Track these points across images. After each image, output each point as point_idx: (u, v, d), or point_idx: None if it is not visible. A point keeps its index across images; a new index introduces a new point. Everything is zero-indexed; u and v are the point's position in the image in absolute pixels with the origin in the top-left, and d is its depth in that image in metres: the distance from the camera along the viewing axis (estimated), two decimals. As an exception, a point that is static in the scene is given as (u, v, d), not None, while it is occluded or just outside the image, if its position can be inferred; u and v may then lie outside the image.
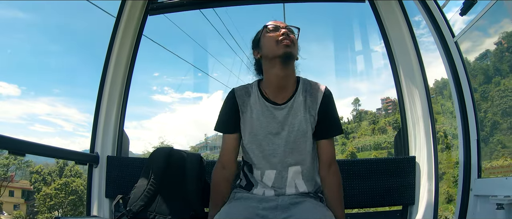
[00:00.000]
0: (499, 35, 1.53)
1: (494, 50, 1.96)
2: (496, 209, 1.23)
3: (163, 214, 1.41)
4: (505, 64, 2.55)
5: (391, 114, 36.78)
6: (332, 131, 1.17)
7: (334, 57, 73.99)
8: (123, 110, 2.02)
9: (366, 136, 36.51)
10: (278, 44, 1.10)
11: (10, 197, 24.58)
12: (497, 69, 3.17)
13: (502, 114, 15.78)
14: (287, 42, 1.09)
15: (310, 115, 1.14)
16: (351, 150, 34.44)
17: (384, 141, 34.25)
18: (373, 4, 1.95)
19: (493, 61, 2.53)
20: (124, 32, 1.95)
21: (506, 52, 2.13)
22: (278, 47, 1.09)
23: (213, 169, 1.19)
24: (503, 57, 2.29)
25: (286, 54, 1.09)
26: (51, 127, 53.85)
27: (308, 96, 1.15)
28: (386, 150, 32.58)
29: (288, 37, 1.10)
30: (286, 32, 1.10)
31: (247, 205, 1.11)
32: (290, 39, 1.10)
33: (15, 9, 50.53)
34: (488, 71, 8.99)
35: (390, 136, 33.62)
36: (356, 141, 36.87)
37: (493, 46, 1.83)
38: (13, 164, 25.15)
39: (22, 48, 55.16)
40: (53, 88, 58.56)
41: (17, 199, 24.89)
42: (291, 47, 1.10)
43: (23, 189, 24.95)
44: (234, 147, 1.19)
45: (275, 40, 1.10)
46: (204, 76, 68.03)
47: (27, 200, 25.01)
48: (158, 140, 37.84)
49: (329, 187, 1.14)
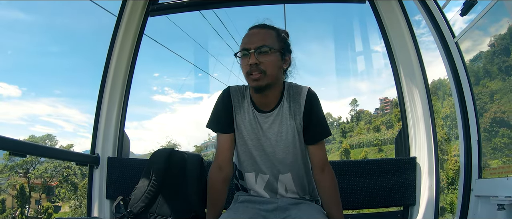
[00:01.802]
0: (492, 37, 1.52)
1: (485, 52, 1.95)
2: (497, 210, 1.22)
3: (164, 215, 1.41)
4: (495, 66, 2.53)
5: (388, 114, 37.55)
6: (319, 135, 1.13)
7: (334, 57, 73.94)
8: (123, 111, 2.02)
9: (362, 135, 37.71)
10: (247, 75, 1.06)
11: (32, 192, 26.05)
12: (487, 71, 3.16)
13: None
14: (255, 76, 1.03)
15: (297, 121, 1.11)
16: (345, 147, 36.36)
17: (375, 139, 35.48)
18: (373, 4, 1.95)
19: (484, 63, 2.51)
20: (124, 33, 1.95)
21: (495, 55, 2.11)
22: (248, 79, 1.06)
23: (210, 170, 1.17)
24: (493, 60, 2.28)
25: (255, 88, 1.06)
26: (52, 128, 53.91)
27: (292, 102, 1.12)
28: (377, 147, 34.05)
29: (256, 68, 1.03)
30: (254, 62, 1.02)
31: (251, 207, 1.13)
32: (259, 71, 1.03)
33: (16, 10, 50.59)
34: (478, 73, 9.05)
35: (382, 134, 35.11)
36: (351, 139, 38.03)
37: (487, 47, 1.83)
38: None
39: (23, 49, 55.24)
40: (54, 89, 58.65)
41: (37, 194, 26.43)
42: (260, 80, 1.03)
43: (44, 185, 26.56)
44: (229, 146, 1.16)
45: (245, 71, 1.06)
46: (204, 77, 67.97)
47: (47, 195, 26.70)
48: (165, 139, 38.85)
49: (324, 190, 1.12)
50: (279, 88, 1.12)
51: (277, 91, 1.12)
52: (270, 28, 1.10)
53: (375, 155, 32.35)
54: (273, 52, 1.05)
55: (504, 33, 1.54)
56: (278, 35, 1.09)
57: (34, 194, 25.86)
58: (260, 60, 1.03)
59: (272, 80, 1.06)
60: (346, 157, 34.20)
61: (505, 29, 1.53)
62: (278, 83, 1.11)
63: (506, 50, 1.55)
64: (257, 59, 1.03)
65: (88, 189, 1.90)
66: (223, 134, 1.16)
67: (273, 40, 1.07)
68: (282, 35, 1.11)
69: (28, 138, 29.12)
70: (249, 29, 1.11)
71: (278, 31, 1.11)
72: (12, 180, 25.08)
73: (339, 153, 35.99)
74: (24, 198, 24.80)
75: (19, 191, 24.50)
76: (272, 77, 1.05)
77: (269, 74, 1.04)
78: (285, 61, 1.11)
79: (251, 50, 1.04)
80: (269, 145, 1.12)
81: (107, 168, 1.89)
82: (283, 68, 1.11)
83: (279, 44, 1.08)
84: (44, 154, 1.75)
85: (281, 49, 1.08)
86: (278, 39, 1.08)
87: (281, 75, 1.11)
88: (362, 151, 34.04)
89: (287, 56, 1.11)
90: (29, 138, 29.22)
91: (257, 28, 1.10)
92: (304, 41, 74.59)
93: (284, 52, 1.09)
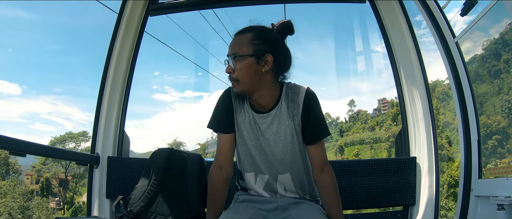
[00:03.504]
0: (486, 41, 1.53)
1: (479, 55, 1.92)
2: (497, 210, 1.23)
3: (163, 214, 1.41)
4: (484, 69, 2.50)
5: (385, 115, 38.51)
6: (318, 135, 1.12)
7: (334, 57, 73.89)
8: (123, 110, 2.02)
9: (357, 134, 39.63)
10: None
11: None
12: (478, 74, 3.13)
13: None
14: (232, 84, 1.08)
15: (295, 121, 1.11)
16: (340, 144, 38.90)
17: (368, 138, 37.26)
18: (373, 4, 1.95)
19: (476, 67, 2.48)
20: (125, 33, 1.95)
21: (488, 58, 2.07)
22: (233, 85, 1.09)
23: (210, 170, 1.17)
24: (484, 63, 2.24)
25: (238, 94, 1.10)
26: (52, 126, 53.86)
27: (290, 102, 1.11)
28: (369, 145, 36.19)
29: (230, 77, 1.07)
30: (228, 71, 1.07)
31: (251, 206, 1.13)
32: (232, 80, 1.06)
33: (17, 8, 50.47)
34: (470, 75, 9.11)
35: (374, 133, 37.08)
36: (346, 138, 39.91)
37: (481, 50, 1.80)
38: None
39: (24, 47, 55.13)
40: (54, 87, 58.57)
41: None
42: (236, 87, 1.07)
43: (60, 179, 27.47)
44: (230, 146, 1.16)
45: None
46: (204, 75, 67.79)
47: (63, 188, 27.74)
48: (171, 137, 39.51)
49: (324, 190, 1.12)
50: (272, 90, 1.10)
51: (270, 93, 1.10)
52: (248, 31, 1.07)
53: (366, 151, 34.91)
54: (244, 59, 1.04)
55: (497, 38, 1.55)
56: (255, 37, 1.05)
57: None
58: (235, 67, 1.05)
59: (248, 86, 1.06)
60: (340, 154, 36.59)
61: (498, 35, 1.54)
62: (262, 86, 1.07)
63: (497, 55, 1.56)
64: (232, 67, 1.05)
65: (88, 188, 1.90)
66: (224, 134, 1.16)
67: (246, 46, 1.04)
68: (262, 34, 1.07)
69: (65, 134, 30.28)
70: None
71: (257, 31, 1.07)
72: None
73: (334, 150, 38.13)
74: (49, 191, 26.42)
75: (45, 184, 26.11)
76: (246, 84, 1.05)
77: (242, 81, 1.05)
78: (266, 62, 1.05)
79: (226, 58, 1.07)
80: (267, 146, 1.12)
81: (107, 167, 1.89)
82: (263, 70, 1.05)
83: (252, 48, 1.04)
84: (44, 153, 1.76)
85: (255, 52, 1.04)
86: (253, 42, 1.04)
87: (265, 77, 1.07)
88: (354, 148, 36.72)
89: (268, 56, 1.05)
90: (66, 134, 30.12)
91: (236, 35, 1.09)
92: (304, 41, 74.50)
93: (259, 54, 1.04)
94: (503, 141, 14.12)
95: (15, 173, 25.63)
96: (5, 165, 24.85)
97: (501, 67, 12.39)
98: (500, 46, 1.80)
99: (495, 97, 8.84)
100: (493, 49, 1.90)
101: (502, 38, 1.57)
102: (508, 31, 1.47)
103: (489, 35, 1.58)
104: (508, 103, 17.03)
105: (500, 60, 2.50)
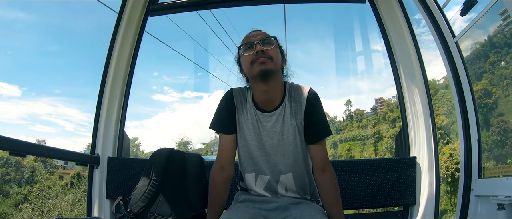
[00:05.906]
0: (481, 42, 1.52)
1: (469, 55, 1.87)
2: (497, 210, 1.23)
3: (164, 215, 1.41)
4: (472, 71, 2.46)
5: (380, 114, 39.41)
6: (320, 135, 1.13)
7: (334, 56, 73.76)
8: (123, 111, 2.02)
9: (350, 132, 41.60)
10: (252, 64, 1.08)
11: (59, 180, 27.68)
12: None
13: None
14: (262, 60, 1.06)
15: (298, 121, 1.12)
16: (334, 141, 40.87)
17: (359, 135, 39.34)
18: (373, 4, 1.95)
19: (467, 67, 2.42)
20: (124, 33, 1.95)
21: (477, 60, 2.04)
22: (253, 67, 1.07)
23: (211, 171, 1.18)
24: (473, 65, 2.22)
25: (262, 72, 1.06)
26: (52, 128, 53.86)
27: (293, 102, 1.13)
28: (361, 141, 38.49)
29: (263, 54, 1.07)
30: (260, 50, 1.07)
31: (251, 206, 1.14)
32: (266, 56, 1.07)
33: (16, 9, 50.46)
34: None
35: (365, 131, 39.16)
36: (341, 135, 41.75)
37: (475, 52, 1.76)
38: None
39: (23, 49, 55.12)
40: (54, 89, 58.54)
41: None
42: (267, 63, 1.06)
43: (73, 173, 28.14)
44: (232, 147, 1.17)
45: (249, 61, 1.09)
46: (204, 76, 67.66)
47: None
48: (179, 136, 40.19)
49: (325, 189, 1.13)
50: (281, 85, 1.14)
51: (279, 87, 1.14)
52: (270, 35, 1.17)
53: (357, 147, 37.69)
54: (276, 46, 1.12)
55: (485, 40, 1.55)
56: (277, 40, 1.15)
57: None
58: (265, 48, 1.08)
59: (277, 68, 1.10)
60: (334, 149, 38.90)
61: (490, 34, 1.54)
62: (280, 76, 1.14)
63: (485, 56, 1.56)
64: (262, 48, 1.08)
65: (88, 189, 1.90)
66: (226, 135, 1.17)
67: (274, 40, 1.13)
68: (279, 44, 1.17)
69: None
70: (249, 33, 1.17)
71: (276, 39, 1.17)
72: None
73: (329, 146, 39.43)
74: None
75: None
76: (277, 64, 1.10)
77: (275, 61, 1.09)
78: (284, 60, 1.17)
79: (256, 42, 1.09)
80: (270, 145, 1.13)
81: (107, 168, 1.89)
82: (282, 65, 1.16)
83: (278, 44, 1.14)
84: (44, 154, 1.75)
85: (280, 48, 1.15)
86: (277, 42, 1.14)
87: (280, 71, 1.15)
88: (347, 144, 39.09)
89: (285, 58, 1.18)
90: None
91: (257, 31, 1.16)
92: (304, 40, 74.47)
93: (282, 51, 1.16)
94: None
95: (54, 168, 26.07)
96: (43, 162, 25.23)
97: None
98: (487, 49, 1.79)
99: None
100: (482, 51, 1.87)
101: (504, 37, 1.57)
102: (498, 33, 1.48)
103: (489, 35, 1.57)
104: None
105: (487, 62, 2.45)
